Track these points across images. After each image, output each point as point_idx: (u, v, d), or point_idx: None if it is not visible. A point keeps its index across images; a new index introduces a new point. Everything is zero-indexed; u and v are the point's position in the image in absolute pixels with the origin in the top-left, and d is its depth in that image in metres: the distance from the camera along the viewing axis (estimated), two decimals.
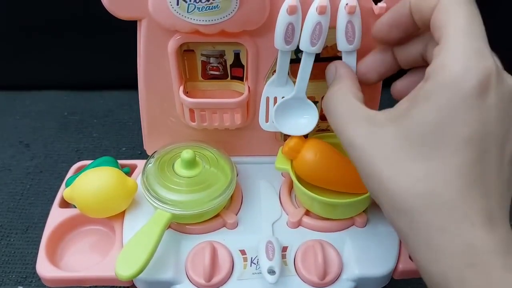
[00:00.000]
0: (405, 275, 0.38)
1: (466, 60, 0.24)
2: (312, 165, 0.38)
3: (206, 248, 0.36)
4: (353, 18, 0.34)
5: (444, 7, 0.26)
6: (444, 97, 0.24)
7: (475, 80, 0.24)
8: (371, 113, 0.28)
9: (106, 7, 0.35)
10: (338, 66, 0.34)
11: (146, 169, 0.39)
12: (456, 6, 0.26)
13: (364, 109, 0.29)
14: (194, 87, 0.41)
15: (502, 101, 0.25)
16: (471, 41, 0.25)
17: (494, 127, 0.24)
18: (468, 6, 0.26)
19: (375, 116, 0.28)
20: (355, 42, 0.35)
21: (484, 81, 0.24)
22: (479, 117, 0.24)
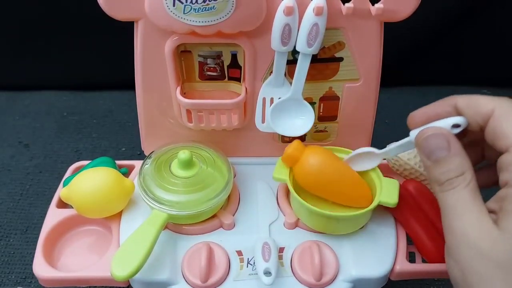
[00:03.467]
0: (402, 276, 0.38)
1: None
2: (313, 171, 0.37)
3: (202, 249, 0.36)
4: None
5: (503, 116, 0.28)
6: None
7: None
8: (491, 224, 0.27)
9: (103, 8, 0.35)
10: (451, 141, 0.29)
11: (143, 170, 0.39)
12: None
13: (488, 221, 0.27)
14: (192, 88, 0.41)
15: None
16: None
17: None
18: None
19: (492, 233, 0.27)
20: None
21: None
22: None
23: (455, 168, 0.29)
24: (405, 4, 0.36)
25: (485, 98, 0.29)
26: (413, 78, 0.76)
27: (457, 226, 0.27)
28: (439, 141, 0.29)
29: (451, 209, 0.28)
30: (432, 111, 0.32)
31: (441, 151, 0.29)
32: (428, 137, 0.30)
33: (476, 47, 0.72)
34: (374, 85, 0.41)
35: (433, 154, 0.30)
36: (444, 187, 0.29)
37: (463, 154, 0.29)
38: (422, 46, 0.72)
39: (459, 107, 0.31)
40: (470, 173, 0.28)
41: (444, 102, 0.32)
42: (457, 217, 0.28)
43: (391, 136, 0.45)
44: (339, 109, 0.43)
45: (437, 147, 0.29)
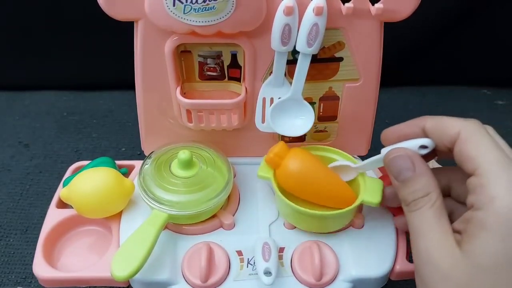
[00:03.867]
0: (402, 276, 0.38)
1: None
2: (295, 175, 0.37)
3: (202, 249, 0.36)
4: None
5: (469, 139, 0.29)
6: (505, 228, 0.26)
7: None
8: (454, 245, 0.28)
9: (103, 8, 0.35)
10: (416, 161, 0.31)
11: (142, 170, 0.39)
12: (480, 137, 0.28)
13: (452, 240, 0.28)
14: (191, 88, 0.42)
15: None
16: (510, 171, 0.27)
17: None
18: (490, 137, 0.28)
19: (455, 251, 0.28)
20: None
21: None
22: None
23: (420, 188, 0.29)
24: (405, 4, 0.36)
25: (452, 120, 0.30)
26: (413, 78, 0.76)
27: (421, 246, 0.28)
28: (404, 162, 0.31)
29: (416, 229, 0.29)
30: (402, 131, 0.33)
31: (406, 172, 0.30)
32: (394, 158, 0.31)
33: (476, 47, 0.72)
34: (374, 85, 0.41)
35: (400, 174, 0.31)
36: (411, 207, 0.30)
37: (428, 174, 0.30)
38: (422, 46, 0.72)
39: (427, 129, 0.31)
40: (435, 193, 0.29)
41: (413, 122, 0.33)
42: (421, 237, 0.28)
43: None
44: (339, 109, 0.43)
45: (403, 168, 0.31)
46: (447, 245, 0.27)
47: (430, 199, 0.29)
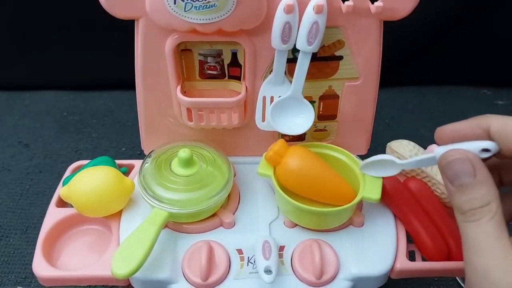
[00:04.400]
0: (402, 275, 0.38)
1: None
2: (295, 173, 0.37)
3: (203, 247, 0.36)
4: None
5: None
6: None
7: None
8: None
9: (104, 6, 0.35)
10: (477, 166, 0.27)
11: (143, 168, 0.39)
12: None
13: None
14: (192, 87, 0.42)
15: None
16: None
17: None
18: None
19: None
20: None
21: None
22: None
23: (480, 197, 0.26)
24: (404, 3, 0.36)
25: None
26: (413, 78, 0.76)
27: (479, 263, 0.26)
28: (464, 166, 0.27)
29: (473, 243, 0.26)
30: (461, 130, 0.30)
31: (465, 177, 0.27)
32: (452, 160, 0.28)
33: (476, 47, 0.72)
34: (373, 83, 0.41)
35: (457, 179, 0.27)
36: (467, 217, 0.27)
37: (490, 182, 0.27)
38: (422, 46, 0.72)
39: (492, 132, 0.28)
40: (496, 204, 0.26)
41: (475, 122, 0.29)
42: (479, 253, 0.26)
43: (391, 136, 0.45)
44: (338, 108, 0.43)
45: (462, 172, 0.27)
46: (510, 265, 0.25)
47: (490, 210, 0.26)
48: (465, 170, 0.27)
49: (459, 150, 0.28)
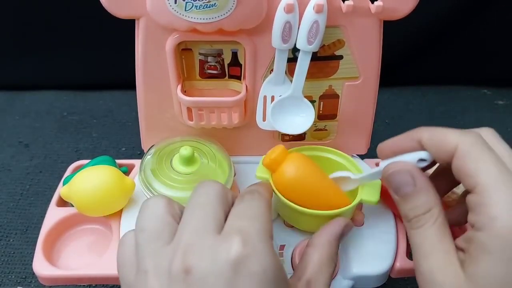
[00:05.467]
0: (402, 274, 0.38)
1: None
2: (291, 182, 0.36)
3: None
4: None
5: (467, 154, 0.27)
6: (508, 251, 0.25)
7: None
8: (458, 266, 0.27)
9: (104, 5, 0.35)
10: (416, 175, 0.30)
11: (143, 165, 0.39)
12: (479, 152, 0.27)
13: (455, 260, 0.27)
14: (192, 86, 0.42)
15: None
16: (510, 190, 0.25)
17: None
18: (490, 151, 0.27)
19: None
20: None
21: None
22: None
23: (421, 204, 0.28)
24: (404, 3, 0.36)
25: (449, 134, 0.29)
26: (413, 78, 0.76)
27: (424, 267, 0.27)
28: (404, 177, 0.30)
29: (418, 247, 0.28)
30: (398, 145, 0.32)
31: (406, 187, 0.29)
32: (392, 173, 0.30)
33: (476, 47, 0.72)
34: (373, 83, 0.41)
35: (399, 190, 0.30)
36: (412, 224, 0.29)
37: (429, 189, 0.29)
38: (422, 46, 0.72)
39: (424, 143, 0.30)
40: (437, 209, 0.28)
41: (409, 135, 0.31)
42: (424, 257, 0.28)
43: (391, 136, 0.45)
44: (338, 108, 0.43)
45: (403, 183, 0.30)
46: (451, 266, 0.26)
47: (432, 216, 0.28)
48: (405, 180, 0.30)
49: (398, 163, 0.31)
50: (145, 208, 0.29)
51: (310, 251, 0.32)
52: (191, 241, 0.26)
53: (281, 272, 0.26)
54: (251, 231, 0.26)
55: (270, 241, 0.27)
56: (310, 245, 0.33)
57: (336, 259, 0.32)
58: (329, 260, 0.31)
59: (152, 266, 0.26)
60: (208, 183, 0.30)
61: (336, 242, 0.33)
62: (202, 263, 0.25)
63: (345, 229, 0.34)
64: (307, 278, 0.30)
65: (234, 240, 0.25)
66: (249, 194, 0.30)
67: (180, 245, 0.26)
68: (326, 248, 0.32)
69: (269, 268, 0.25)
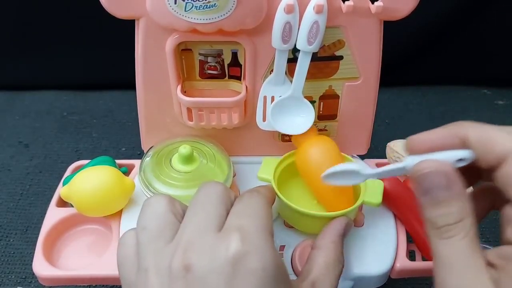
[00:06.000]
0: (403, 274, 0.38)
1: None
2: (315, 158, 0.37)
3: None
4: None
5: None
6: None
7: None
8: (490, 286, 0.24)
9: (104, 6, 0.35)
10: (453, 180, 0.26)
11: (143, 164, 0.39)
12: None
13: (487, 279, 0.24)
14: (192, 86, 0.42)
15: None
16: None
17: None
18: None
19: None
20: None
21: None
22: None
23: (454, 212, 0.25)
24: (404, 3, 0.36)
25: (502, 135, 0.26)
26: (413, 78, 0.76)
27: (452, 283, 0.24)
28: (439, 179, 0.26)
29: (446, 261, 0.25)
30: (436, 140, 0.27)
31: (440, 191, 0.26)
32: (427, 173, 0.26)
33: (476, 47, 0.72)
34: (373, 83, 0.41)
35: (430, 192, 0.26)
36: (441, 234, 0.25)
37: (464, 197, 0.25)
38: (422, 45, 0.72)
39: (470, 142, 0.26)
40: (470, 220, 0.25)
41: (451, 131, 0.27)
42: (453, 272, 0.25)
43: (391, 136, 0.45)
44: (339, 108, 0.43)
45: (436, 185, 0.26)
46: (483, 286, 0.24)
47: (464, 227, 0.25)
48: (439, 183, 0.26)
49: (434, 162, 0.26)
50: (147, 206, 0.29)
51: (315, 253, 0.32)
52: (191, 239, 0.26)
53: (281, 269, 0.26)
54: (250, 228, 0.26)
55: (270, 238, 0.27)
56: (315, 247, 0.32)
57: (342, 259, 0.32)
58: (335, 261, 0.31)
59: (152, 264, 0.26)
60: (210, 184, 0.30)
61: (340, 242, 0.33)
62: (202, 260, 0.25)
63: (346, 228, 0.34)
64: (312, 279, 0.30)
65: (233, 237, 0.25)
66: (248, 193, 0.31)
67: (180, 243, 0.26)
68: (331, 249, 0.32)
69: (269, 265, 0.25)
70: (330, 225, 0.34)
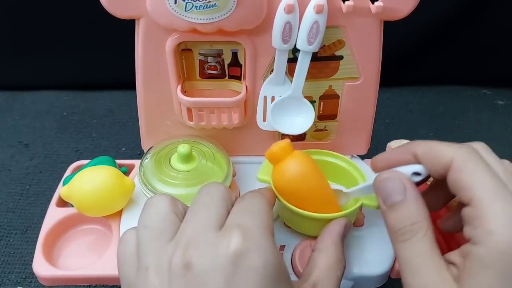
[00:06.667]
0: None
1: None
2: (291, 177, 0.35)
3: None
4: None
5: (463, 167, 0.27)
6: (506, 265, 0.24)
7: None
8: (452, 283, 0.26)
9: (104, 6, 0.35)
10: (408, 185, 0.28)
11: (143, 164, 0.40)
12: (474, 165, 0.26)
13: (448, 277, 0.26)
14: (192, 86, 0.42)
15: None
16: (508, 203, 0.25)
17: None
18: (485, 165, 0.27)
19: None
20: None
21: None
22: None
23: (409, 215, 0.27)
24: (404, 3, 0.36)
25: (444, 147, 0.28)
26: (413, 78, 0.76)
27: (416, 284, 0.26)
28: (395, 184, 0.29)
29: (407, 263, 0.27)
30: (392, 158, 0.31)
31: (396, 195, 0.28)
32: (384, 179, 0.29)
33: (476, 47, 0.72)
34: (373, 83, 0.41)
35: (388, 198, 0.28)
36: (398, 236, 0.27)
37: (419, 201, 0.28)
38: (422, 46, 0.72)
39: (419, 156, 0.29)
40: (426, 222, 0.27)
41: (404, 149, 0.31)
42: (414, 273, 0.26)
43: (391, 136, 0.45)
44: (339, 108, 0.43)
45: (393, 191, 0.28)
46: (445, 284, 0.25)
47: (420, 228, 0.27)
48: (395, 188, 0.28)
49: (391, 171, 0.30)
50: (149, 205, 0.29)
51: (316, 255, 0.32)
52: (192, 237, 0.26)
53: (282, 268, 0.26)
54: (251, 227, 0.26)
55: (271, 237, 0.27)
56: (315, 249, 0.32)
57: (344, 261, 0.32)
58: (337, 262, 0.31)
59: (153, 262, 0.26)
60: (212, 185, 0.30)
61: (341, 243, 0.33)
62: (202, 258, 0.25)
63: (346, 229, 0.34)
64: (314, 280, 0.30)
65: (233, 235, 0.25)
66: (249, 193, 0.31)
67: (181, 242, 0.26)
68: (332, 251, 0.32)
69: (270, 263, 0.25)
70: (329, 227, 0.34)
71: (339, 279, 0.31)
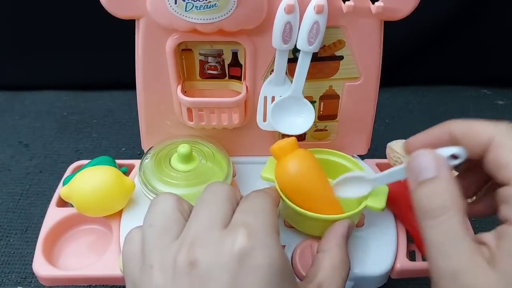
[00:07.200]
0: (403, 275, 0.38)
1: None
2: (293, 172, 0.35)
3: None
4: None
5: (502, 145, 0.26)
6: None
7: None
8: (486, 266, 0.24)
9: (104, 6, 0.35)
10: (442, 164, 0.27)
11: (143, 164, 0.40)
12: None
13: (482, 259, 0.24)
14: (192, 87, 0.42)
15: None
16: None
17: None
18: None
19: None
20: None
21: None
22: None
23: (442, 192, 0.26)
24: (405, 3, 0.36)
25: (483, 125, 0.27)
26: (413, 78, 0.76)
27: (446, 267, 0.24)
28: (428, 160, 0.27)
29: (436, 245, 0.25)
30: (427, 139, 0.30)
31: (428, 171, 0.26)
32: (417, 155, 0.27)
33: (476, 47, 0.72)
34: (374, 83, 0.41)
35: (420, 174, 0.27)
36: (427, 213, 0.26)
37: (452, 180, 0.26)
38: (422, 46, 0.72)
39: (456, 135, 0.28)
40: (459, 202, 0.25)
41: (440, 128, 0.29)
42: (445, 256, 0.24)
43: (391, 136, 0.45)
44: (339, 108, 0.43)
45: (426, 167, 0.27)
46: (479, 267, 0.24)
47: (452, 207, 0.25)
48: (429, 165, 0.27)
49: (426, 150, 0.28)
50: (155, 204, 0.29)
51: (320, 256, 0.32)
52: (197, 236, 0.26)
53: (287, 266, 0.26)
54: (256, 225, 0.26)
55: (276, 235, 0.27)
56: (320, 250, 0.32)
57: (348, 262, 0.32)
58: (341, 263, 0.31)
59: (158, 260, 0.26)
60: (216, 184, 0.30)
61: (345, 244, 0.33)
62: (207, 256, 0.25)
63: (349, 230, 0.34)
64: (319, 282, 0.30)
65: (239, 233, 0.25)
66: (254, 193, 0.31)
67: (186, 240, 0.26)
68: (336, 252, 0.32)
69: (275, 262, 0.25)
70: (333, 228, 0.34)
71: (344, 280, 0.31)
